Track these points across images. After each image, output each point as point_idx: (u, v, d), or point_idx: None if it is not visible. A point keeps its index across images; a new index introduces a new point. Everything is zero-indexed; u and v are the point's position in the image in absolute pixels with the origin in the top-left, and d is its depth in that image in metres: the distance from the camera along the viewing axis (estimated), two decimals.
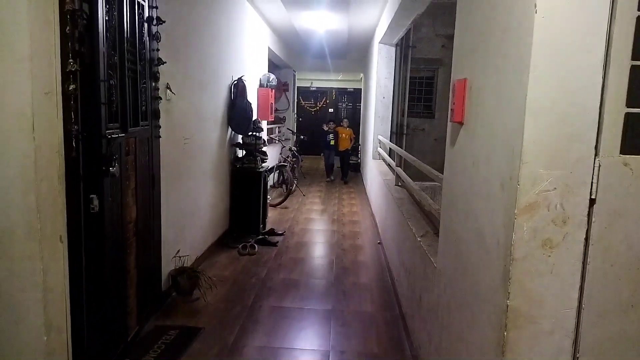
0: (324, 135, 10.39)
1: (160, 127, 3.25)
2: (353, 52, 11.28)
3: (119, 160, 2.54)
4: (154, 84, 3.13)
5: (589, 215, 1.34)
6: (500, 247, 1.45)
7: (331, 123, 10.39)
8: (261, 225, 5.68)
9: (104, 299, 2.49)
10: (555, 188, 1.33)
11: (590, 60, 1.30)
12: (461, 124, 1.92)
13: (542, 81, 1.30)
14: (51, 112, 1.98)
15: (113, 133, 2.47)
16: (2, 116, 1.84)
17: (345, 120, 10.68)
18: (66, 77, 2.05)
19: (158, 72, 3.16)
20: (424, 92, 7.33)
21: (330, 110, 15.38)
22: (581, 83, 1.30)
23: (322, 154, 10.95)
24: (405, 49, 6.17)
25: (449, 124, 2.13)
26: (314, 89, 15.48)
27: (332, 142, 10.13)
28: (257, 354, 2.98)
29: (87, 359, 2.35)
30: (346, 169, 10.30)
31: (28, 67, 1.83)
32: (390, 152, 6.14)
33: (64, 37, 2.03)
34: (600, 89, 1.30)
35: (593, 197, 1.33)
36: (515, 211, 1.34)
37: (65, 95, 2.05)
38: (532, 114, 1.31)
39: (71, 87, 2.06)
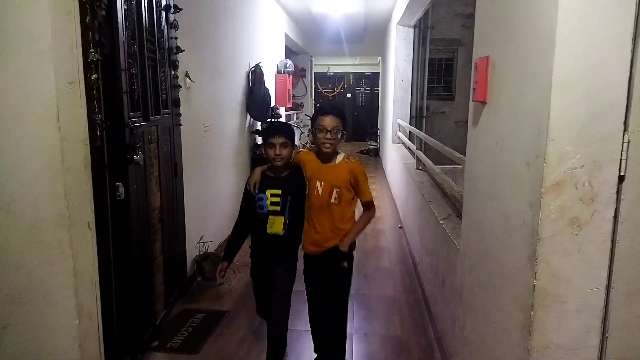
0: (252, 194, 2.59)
1: (180, 115, 3.28)
2: (370, 36, 11.14)
3: (142, 149, 2.57)
4: (173, 72, 3.15)
5: (618, 192, 1.31)
6: (525, 227, 1.43)
7: (276, 139, 2.31)
8: None
9: (132, 284, 2.55)
10: (582, 165, 1.30)
11: (618, 32, 1.25)
12: (484, 103, 1.89)
13: (568, 56, 1.27)
14: (75, 102, 2.01)
15: (136, 122, 2.50)
16: (28, 107, 1.88)
17: (332, 113, 2.25)
18: (88, 66, 2.07)
19: (177, 60, 3.18)
20: (444, 74, 7.19)
21: (348, 95, 15.26)
22: (609, 56, 1.26)
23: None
24: (423, 30, 6.07)
25: (471, 103, 2.09)
26: (331, 74, 15.37)
27: (274, 225, 2.40)
28: None
29: (118, 342, 2.42)
30: (342, 337, 2.53)
31: (51, 58, 1.86)
32: (410, 136, 6.08)
33: (84, 28, 2.05)
34: (629, 62, 1.26)
35: (622, 173, 1.30)
36: (542, 190, 1.32)
37: (88, 84, 2.08)
38: (558, 89, 1.28)
39: (93, 76, 2.09)
